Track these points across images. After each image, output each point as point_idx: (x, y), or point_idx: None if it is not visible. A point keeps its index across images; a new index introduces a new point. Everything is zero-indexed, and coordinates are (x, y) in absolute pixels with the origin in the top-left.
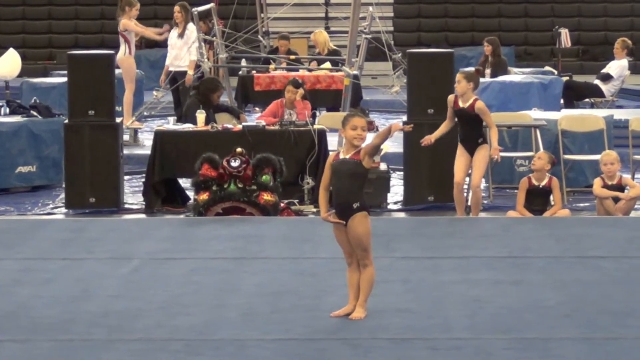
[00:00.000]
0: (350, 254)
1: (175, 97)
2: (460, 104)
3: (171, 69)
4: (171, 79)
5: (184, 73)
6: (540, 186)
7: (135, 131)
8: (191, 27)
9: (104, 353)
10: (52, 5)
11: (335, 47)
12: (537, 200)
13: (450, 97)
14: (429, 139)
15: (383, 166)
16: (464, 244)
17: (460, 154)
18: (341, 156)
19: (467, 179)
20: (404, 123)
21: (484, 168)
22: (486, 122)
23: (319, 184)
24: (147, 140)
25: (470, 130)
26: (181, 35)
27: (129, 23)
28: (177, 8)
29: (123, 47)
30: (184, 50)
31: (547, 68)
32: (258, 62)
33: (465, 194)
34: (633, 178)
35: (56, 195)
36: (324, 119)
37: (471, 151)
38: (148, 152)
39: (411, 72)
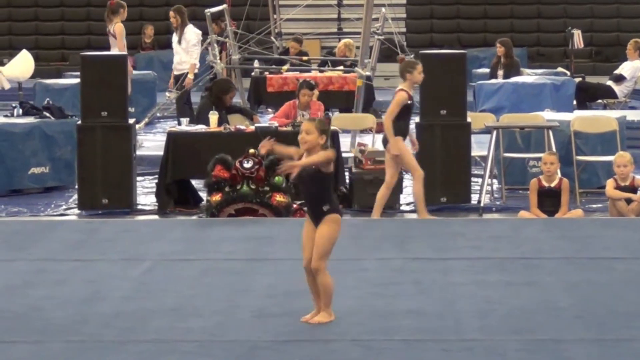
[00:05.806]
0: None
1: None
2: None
3: (176, 73)
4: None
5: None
6: (551, 187)
7: None
8: (189, 30)
9: (115, 354)
10: (64, 6)
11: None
12: (548, 201)
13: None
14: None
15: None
16: (476, 245)
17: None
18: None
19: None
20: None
21: None
22: None
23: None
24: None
25: None
26: (179, 40)
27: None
28: (171, 13)
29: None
30: (183, 55)
31: (560, 69)
32: (270, 63)
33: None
34: None
35: (69, 197)
36: (337, 120)
37: None
38: (161, 153)
39: (424, 73)
